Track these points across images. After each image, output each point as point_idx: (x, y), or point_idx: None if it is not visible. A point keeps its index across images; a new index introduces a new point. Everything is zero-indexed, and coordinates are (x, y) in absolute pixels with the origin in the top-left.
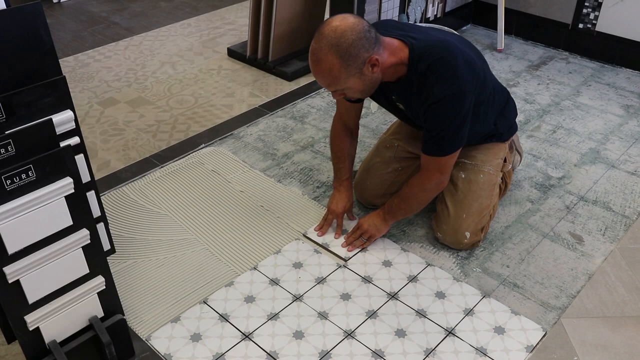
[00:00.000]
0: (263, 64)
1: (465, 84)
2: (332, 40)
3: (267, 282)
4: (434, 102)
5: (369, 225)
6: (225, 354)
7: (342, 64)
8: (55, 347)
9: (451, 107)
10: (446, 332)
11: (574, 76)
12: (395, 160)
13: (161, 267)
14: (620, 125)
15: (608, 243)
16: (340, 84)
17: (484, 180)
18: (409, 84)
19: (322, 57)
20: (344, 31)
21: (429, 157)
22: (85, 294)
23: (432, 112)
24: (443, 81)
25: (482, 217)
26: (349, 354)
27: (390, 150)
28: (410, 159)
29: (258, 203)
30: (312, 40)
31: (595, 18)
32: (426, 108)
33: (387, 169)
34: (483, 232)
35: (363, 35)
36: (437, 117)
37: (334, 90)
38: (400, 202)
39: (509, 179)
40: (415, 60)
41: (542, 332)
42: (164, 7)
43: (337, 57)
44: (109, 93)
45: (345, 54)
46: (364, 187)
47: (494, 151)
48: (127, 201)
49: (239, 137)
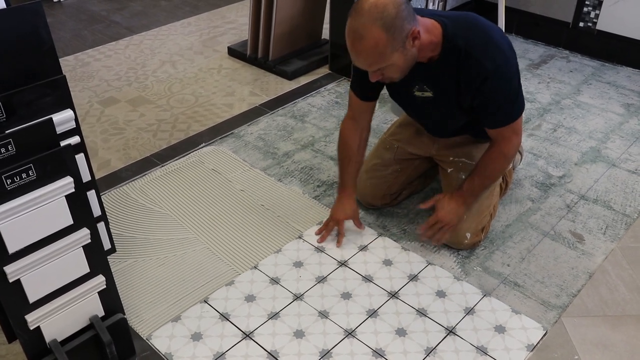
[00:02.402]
0: (263, 62)
1: (506, 51)
2: (375, 15)
3: (267, 281)
4: (487, 75)
5: (450, 217)
6: (225, 353)
7: (388, 37)
8: (56, 346)
9: (506, 73)
10: (447, 331)
11: (575, 75)
12: (394, 161)
13: (162, 266)
14: (621, 124)
15: (609, 242)
16: (385, 60)
17: None
18: (443, 64)
19: (365, 34)
20: (385, 4)
21: (501, 129)
22: (85, 293)
23: (490, 85)
24: (488, 52)
25: (483, 217)
26: (349, 353)
27: (390, 152)
28: (410, 160)
29: (258, 202)
30: (349, 20)
31: (595, 16)
32: (480, 84)
33: (386, 170)
34: (484, 232)
35: (404, 7)
36: (497, 87)
37: (376, 69)
38: (483, 180)
39: (510, 178)
40: (450, 37)
41: (542, 331)
42: (164, 6)
43: (383, 31)
44: (110, 92)
45: (391, 26)
46: (363, 188)
47: None
48: (128, 200)
49: (239, 136)
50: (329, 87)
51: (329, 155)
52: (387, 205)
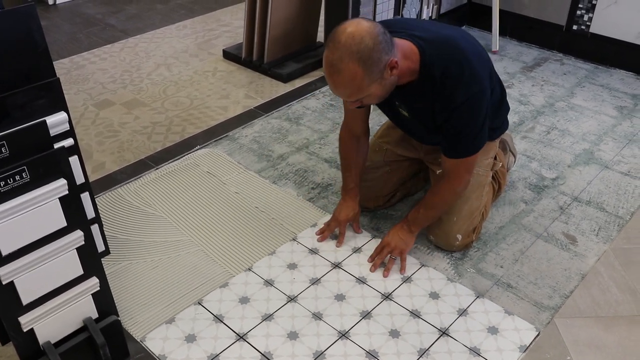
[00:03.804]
0: (258, 65)
1: (482, 80)
2: (351, 48)
3: (261, 283)
4: (457, 105)
5: (395, 242)
6: (219, 355)
7: (365, 71)
8: (49, 348)
9: (476, 106)
10: (440, 333)
11: (568, 77)
12: (384, 163)
13: (156, 269)
14: (614, 126)
15: (601, 243)
16: (363, 91)
17: (472, 182)
18: (419, 89)
19: (342, 67)
20: (362, 37)
21: (457, 160)
22: (79, 295)
23: (457, 115)
24: (462, 84)
25: (473, 218)
26: (343, 355)
27: (379, 154)
28: (400, 161)
29: (253, 204)
30: (325, 51)
31: (589, 19)
32: (449, 114)
33: (376, 172)
34: (475, 233)
35: (382, 39)
36: (462, 119)
37: (355, 99)
38: (427, 211)
39: (503, 180)
40: (427, 65)
41: (535, 332)
42: (159, 9)
43: (359, 65)
44: (104, 95)
45: (367, 60)
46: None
47: (484, 151)
48: (122, 203)
49: (234, 138)
50: (324, 89)
51: (323, 158)
52: (380, 207)
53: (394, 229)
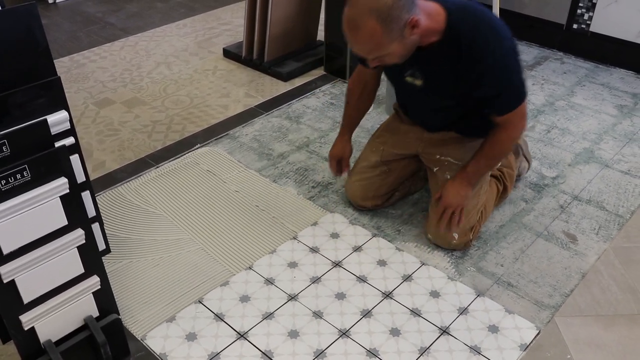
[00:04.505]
0: (259, 64)
1: (507, 38)
2: (370, 5)
3: (262, 281)
4: (488, 65)
5: (456, 200)
6: (220, 354)
7: (384, 28)
8: (50, 346)
9: (508, 62)
10: (440, 331)
11: (568, 76)
12: (381, 163)
13: (156, 267)
14: (614, 125)
15: (601, 242)
16: (383, 49)
17: None
18: (441, 51)
19: (361, 24)
20: None
21: (507, 116)
22: (80, 294)
23: (492, 76)
24: (490, 46)
25: (470, 217)
26: (343, 353)
27: (376, 154)
28: (397, 160)
29: (253, 203)
30: (345, 7)
31: (589, 18)
32: (479, 75)
33: (374, 172)
34: (473, 232)
35: None
36: (498, 79)
37: (374, 57)
38: (489, 161)
39: (510, 183)
40: (454, 26)
41: (535, 330)
42: (159, 7)
43: (377, 22)
44: (105, 93)
45: (387, 17)
46: (353, 190)
47: None
48: (123, 201)
49: (234, 137)
50: (324, 88)
51: (323, 157)
52: (378, 207)
53: (451, 186)
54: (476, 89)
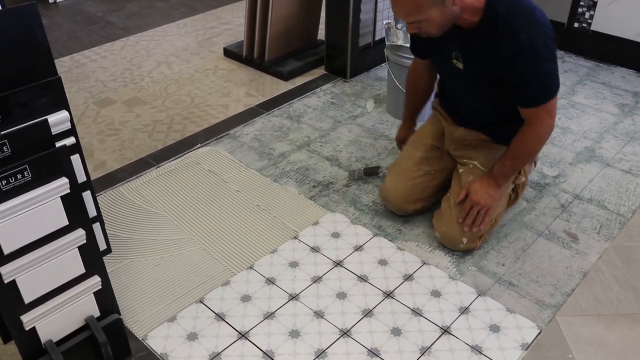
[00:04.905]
0: (259, 63)
1: (546, 26)
2: None
3: (263, 281)
4: (522, 48)
5: (484, 200)
6: (221, 353)
7: None
8: (51, 346)
9: (541, 49)
10: (442, 331)
11: (570, 75)
12: (425, 160)
13: (157, 267)
14: (615, 124)
15: (603, 241)
16: (422, 13)
17: None
18: (480, 31)
19: None
20: None
21: (533, 109)
22: (81, 294)
23: (522, 58)
24: (526, 26)
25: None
26: (344, 353)
27: (419, 150)
28: (438, 159)
29: (254, 202)
30: None
31: (590, 17)
32: (511, 56)
33: (418, 172)
34: (481, 240)
35: None
36: (529, 62)
37: (413, 21)
38: (514, 161)
39: (521, 190)
40: (493, 4)
41: (537, 330)
42: (160, 7)
43: None
44: (105, 93)
45: None
46: (395, 191)
47: None
48: (124, 201)
49: (235, 136)
50: (325, 87)
51: (324, 156)
52: (418, 211)
53: (480, 185)
54: (509, 72)
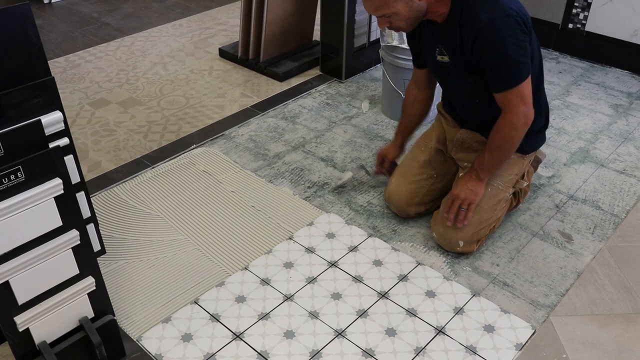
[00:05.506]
0: (254, 64)
1: (510, 9)
2: None
3: (258, 282)
4: (482, 27)
5: (465, 193)
6: (216, 354)
7: None
8: (45, 348)
9: (504, 30)
10: (436, 331)
11: (564, 76)
12: (429, 164)
13: (152, 268)
14: (610, 125)
15: (597, 241)
16: (389, 7)
17: (489, 194)
18: (453, 21)
19: None
20: None
21: (506, 92)
22: (75, 295)
23: (485, 39)
24: (487, 6)
25: (480, 229)
26: (339, 353)
27: (424, 153)
28: (442, 164)
29: (249, 203)
30: None
31: (584, 18)
32: (474, 37)
33: (422, 175)
34: (478, 244)
35: None
36: (491, 44)
37: (382, 15)
38: (492, 153)
39: (523, 196)
40: None
41: (531, 330)
42: (155, 7)
43: None
44: (100, 94)
45: None
46: (398, 193)
47: (509, 165)
48: (118, 202)
49: (230, 137)
50: (320, 88)
51: (319, 157)
52: (420, 214)
53: (462, 180)
54: (476, 56)
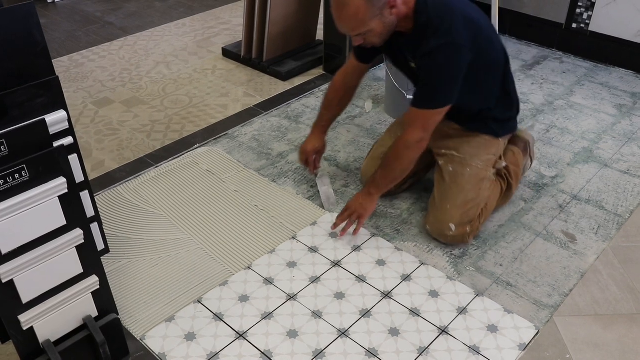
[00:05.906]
0: (257, 63)
1: (460, 38)
2: None
3: (261, 281)
4: (427, 52)
5: (354, 206)
6: (219, 353)
7: (367, 6)
8: (49, 346)
9: (444, 58)
10: (439, 331)
11: (568, 76)
12: None
13: (155, 267)
14: (613, 125)
15: (601, 242)
16: (365, 26)
17: (470, 174)
18: (415, 36)
19: (347, 2)
20: None
21: (415, 110)
22: (79, 294)
23: (426, 62)
24: (439, 33)
25: (468, 209)
26: (342, 353)
27: (392, 139)
28: None
29: (252, 202)
30: None
31: (588, 18)
32: (420, 60)
33: None
34: (471, 226)
35: None
36: (429, 67)
37: (357, 34)
38: (383, 170)
39: (515, 181)
40: (418, 12)
41: (534, 330)
42: (158, 7)
43: (363, 0)
44: (104, 93)
45: None
46: (366, 172)
47: (485, 146)
48: (122, 201)
49: (233, 136)
50: (323, 88)
51: (323, 156)
52: (391, 193)
53: (358, 193)
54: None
